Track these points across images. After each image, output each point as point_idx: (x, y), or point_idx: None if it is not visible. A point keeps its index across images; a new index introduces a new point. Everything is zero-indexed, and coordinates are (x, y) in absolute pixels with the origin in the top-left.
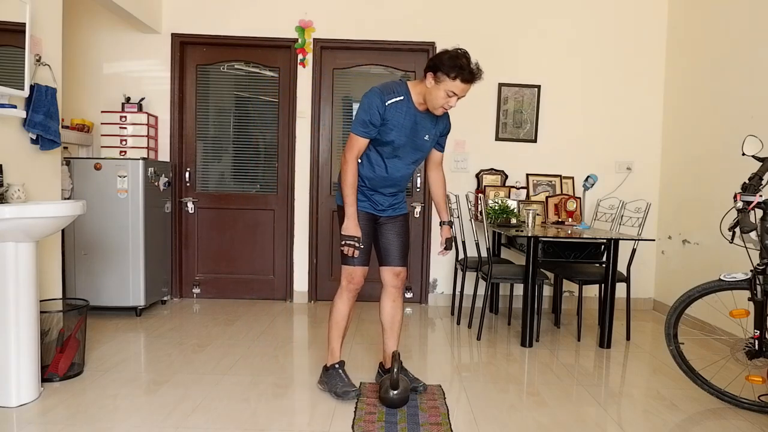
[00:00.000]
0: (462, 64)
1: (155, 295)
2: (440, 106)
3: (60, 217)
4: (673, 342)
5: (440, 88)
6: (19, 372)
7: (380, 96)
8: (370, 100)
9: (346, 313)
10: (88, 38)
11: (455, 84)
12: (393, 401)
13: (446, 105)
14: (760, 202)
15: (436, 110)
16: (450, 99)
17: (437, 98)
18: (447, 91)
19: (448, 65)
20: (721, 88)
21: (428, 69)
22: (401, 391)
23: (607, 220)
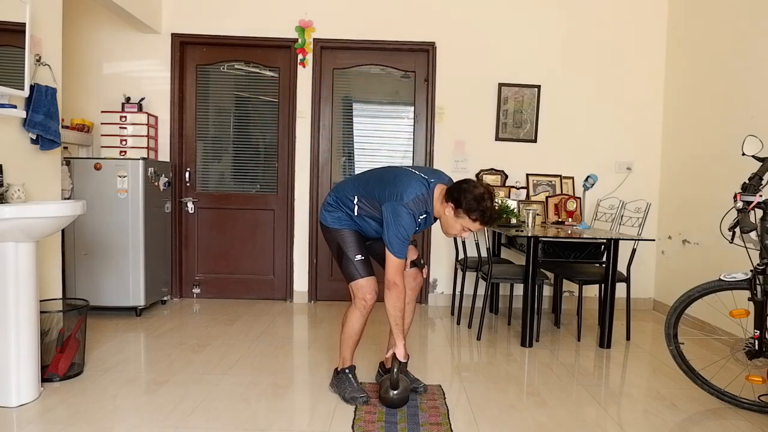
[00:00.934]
0: (485, 208)
1: (155, 295)
2: (451, 233)
3: (60, 217)
4: (673, 342)
5: (458, 222)
6: (19, 372)
7: (414, 217)
8: (405, 222)
9: (358, 328)
10: (88, 38)
11: (474, 224)
12: (393, 401)
13: (457, 235)
14: (760, 202)
15: (446, 234)
16: (464, 232)
17: (452, 228)
18: (464, 226)
19: (472, 207)
20: (721, 88)
21: (451, 200)
22: (401, 391)
23: (607, 220)
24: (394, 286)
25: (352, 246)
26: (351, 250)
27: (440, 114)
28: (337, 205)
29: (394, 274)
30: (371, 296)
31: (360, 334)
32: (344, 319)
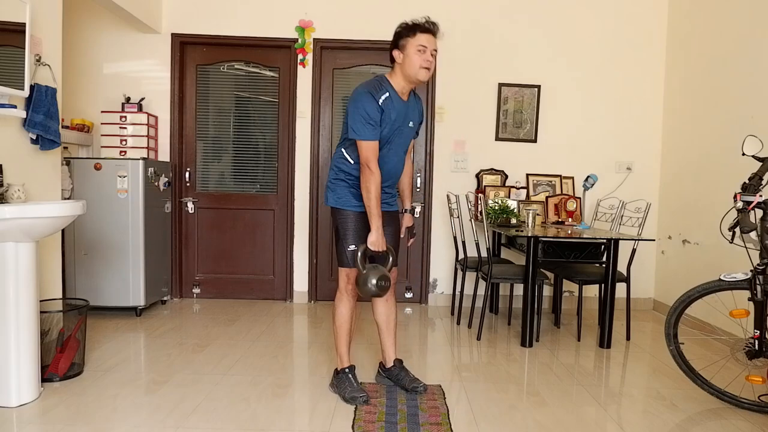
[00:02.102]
0: (414, 21)
1: (155, 295)
2: (420, 67)
3: (60, 217)
4: (673, 342)
5: (410, 53)
6: (19, 372)
7: (372, 96)
8: (363, 103)
9: (347, 315)
10: (88, 38)
11: (418, 38)
12: (370, 291)
13: (425, 62)
14: (760, 202)
15: (419, 75)
16: (424, 54)
17: (413, 62)
18: (416, 48)
19: (404, 31)
20: (721, 88)
21: (391, 50)
22: (375, 276)
23: (607, 220)
24: (367, 170)
25: (350, 234)
26: (348, 238)
27: (440, 114)
28: (336, 178)
29: (366, 159)
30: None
31: (350, 322)
32: (333, 311)
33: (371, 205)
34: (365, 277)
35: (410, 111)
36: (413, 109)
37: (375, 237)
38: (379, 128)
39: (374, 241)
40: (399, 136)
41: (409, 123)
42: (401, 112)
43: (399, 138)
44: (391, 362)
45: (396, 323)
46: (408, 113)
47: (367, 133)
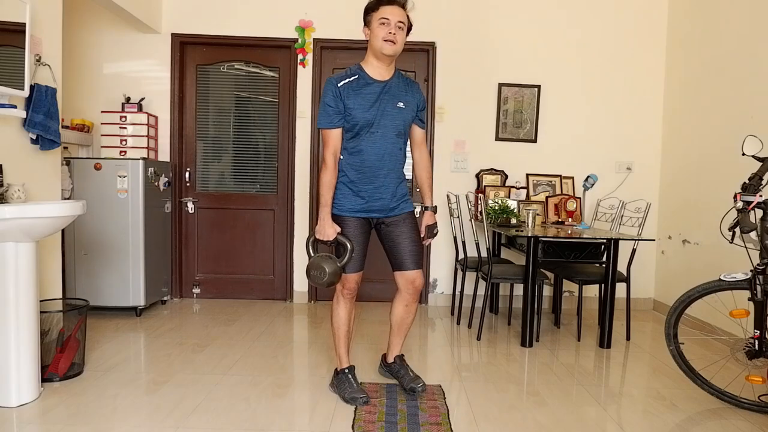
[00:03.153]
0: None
1: (155, 295)
2: (383, 40)
3: (60, 217)
4: (673, 342)
5: (374, 27)
6: (19, 372)
7: (332, 82)
8: (325, 90)
9: (345, 317)
10: (88, 38)
11: (381, 11)
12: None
13: (387, 36)
14: (760, 202)
15: (383, 49)
16: (387, 26)
17: (377, 35)
18: (379, 21)
19: (369, 5)
20: (721, 88)
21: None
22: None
23: (607, 220)
24: (323, 163)
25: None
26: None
27: (440, 114)
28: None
29: (323, 149)
30: (352, 286)
31: (348, 324)
32: (331, 312)
33: (322, 193)
34: (309, 265)
35: (396, 91)
36: (401, 90)
37: (319, 225)
38: (338, 115)
39: (318, 229)
40: (385, 117)
41: (398, 103)
42: (377, 93)
43: (386, 120)
44: (392, 358)
45: (409, 327)
46: (393, 93)
47: (323, 120)
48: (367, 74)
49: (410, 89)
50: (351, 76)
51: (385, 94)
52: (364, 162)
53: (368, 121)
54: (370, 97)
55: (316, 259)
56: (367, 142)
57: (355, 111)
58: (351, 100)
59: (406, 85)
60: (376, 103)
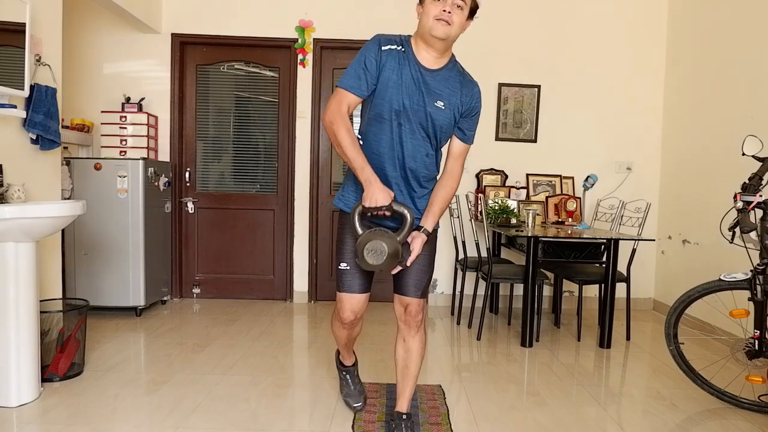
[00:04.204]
0: None
1: (155, 295)
2: (435, 18)
3: (60, 217)
4: (673, 342)
5: (427, 3)
6: (19, 372)
7: (378, 41)
8: (366, 48)
9: (344, 338)
10: (88, 38)
11: None
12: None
13: (440, 14)
14: (760, 202)
15: (433, 30)
16: (440, 3)
17: (427, 13)
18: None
19: None
20: (721, 88)
21: (416, 6)
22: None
23: (607, 220)
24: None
25: (343, 247)
26: (341, 252)
27: None
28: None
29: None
30: (347, 316)
31: (348, 338)
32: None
33: (352, 156)
34: (359, 244)
35: (440, 86)
36: (448, 86)
37: (367, 191)
38: (366, 80)
39: (367, 196)
40: (415, 114)
41: (437, 102)
42: (418, 80)
43: (415, 116)
44: (394, 412)
45: (416, 376)
46: (434, 87)
47: (347, 79)
48: (414, 54)
49: (462, 89)
50: (396, 43)
51: (425, 84)
52: (382, 156)
53: (399, 107)
54: (407, 79)
55: (368, 236)
56: (389, 134)
57: (392, 89)
58: (389, 72)
59: (459, 84)
60: (413, 91)
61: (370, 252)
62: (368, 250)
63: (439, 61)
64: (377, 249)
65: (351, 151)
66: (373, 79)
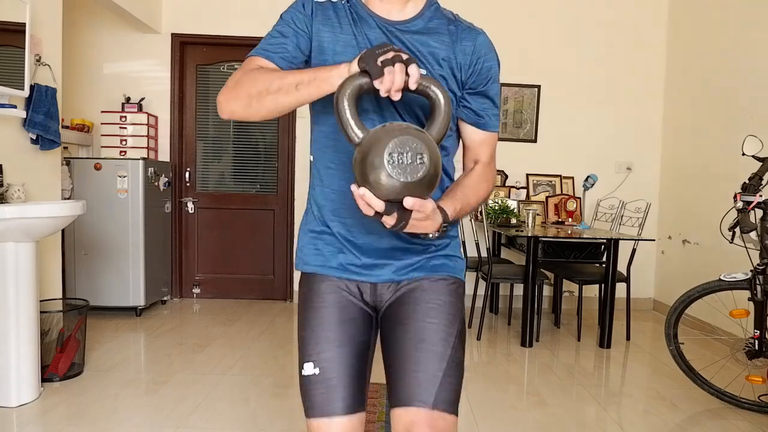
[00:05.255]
0: None
1: (155, 295)
2: None
3: (60, 217)
4: (673, 342)
5: None
6: (19, 372)
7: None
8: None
9: None
10: (88, 38)
11: None
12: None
13: None
14: (760, 202)
15: None
16: None
17: None
18: None
19: None
20: (721, 89)
21: None
22: None
23: (607, 220)
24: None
25: (310, 333)
26: (306, 344)
27: None
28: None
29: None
30: None
31: None
32: None
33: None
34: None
35: (417, 44)
36: (431, 41)
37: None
38: (286, 42)
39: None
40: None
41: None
42: (379, 40)
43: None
44: None
45: None
46: (409, 47)
47: (261, 43)
48: (364, 3)
49: (456, 41)
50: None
51: (384, 40)
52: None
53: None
54: (364, 45)
55: (382, 133)
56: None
57: (333, 57)
58: (328, 36)
59: (449, 34)
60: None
61: (396, 156)
62: (392, 152)
63: (408, 7)
64: (411, 148)
65: (282, 77)
66: (300, 41)
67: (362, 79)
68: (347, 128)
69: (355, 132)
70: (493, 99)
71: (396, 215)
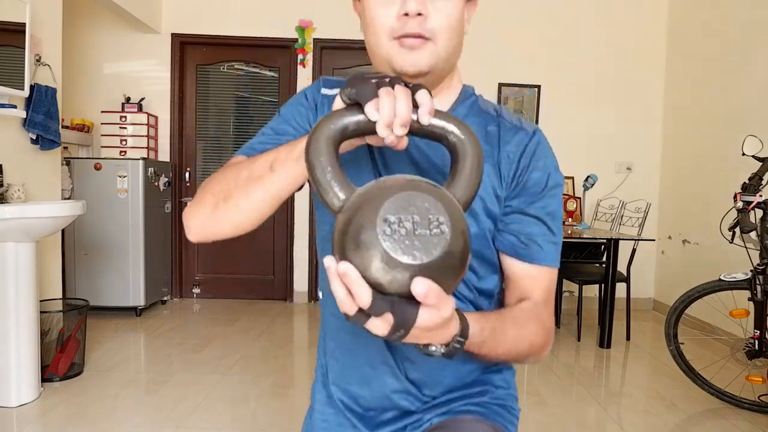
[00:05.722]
0: None
1: (155, 295)
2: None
3: (60, 217)
4: (673, 342)
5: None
6: (19, 372)
7: (318, 82)
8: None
9: None
10: (88, 38)
11: None
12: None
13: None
14: (760, 202)
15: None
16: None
17: (375, 24)
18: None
19: None
20: (721, 88)
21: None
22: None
23: (607, 220)
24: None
25: None
26: None
27: None
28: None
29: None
30: None
31: None
32: None
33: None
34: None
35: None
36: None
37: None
38: (280, 141)
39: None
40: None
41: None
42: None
43: None
44: None
45: None
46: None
47: (250, 142)
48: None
49: (501, 141)
50: (329, 86)
51: (416, 159)
52: (360, 348)
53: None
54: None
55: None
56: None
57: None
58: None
59: (489, 136)
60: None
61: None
62: (389, 217)
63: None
64: (419, 210)
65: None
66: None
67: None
68: (325, 189)
69: (334, 193)
70: (546, 221)
71: (392, 317)
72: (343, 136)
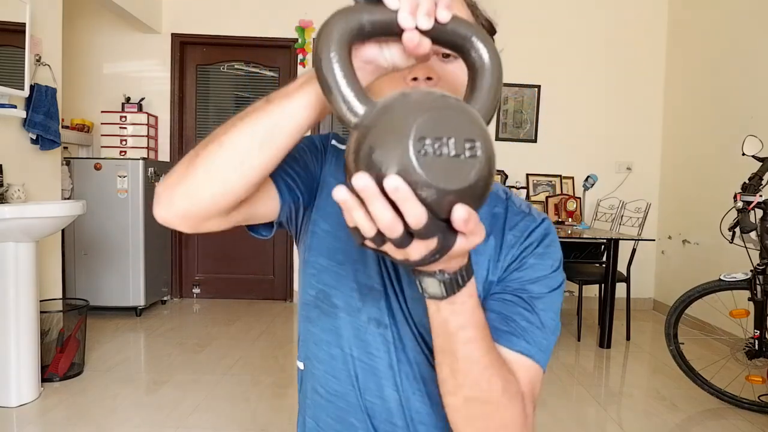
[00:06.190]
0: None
1: (155, 295)
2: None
3: (60, 217)
4: (673, 342)
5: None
6: (19, 372)
7: (328, 134)
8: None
9: None
10: (88, 38)
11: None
12: None
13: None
14: (760, 202)
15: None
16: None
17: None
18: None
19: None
20: (721, 88)
21: None
22: None
23: (607, 220)
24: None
25: None
26: None
27: None
28: None
29: None
30: None
31: None
32: None
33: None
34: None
35: None
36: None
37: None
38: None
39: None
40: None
41: None
42: None
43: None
44: None
45: None
46: None
47: None
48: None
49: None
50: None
51: None
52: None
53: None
54: None
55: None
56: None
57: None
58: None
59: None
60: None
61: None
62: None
63: None
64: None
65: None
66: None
67: (364, 10)
68: (338, 98)
69: (350, 104)
70: (534, 308)
71: (436, 241)
72: (360, 36)
